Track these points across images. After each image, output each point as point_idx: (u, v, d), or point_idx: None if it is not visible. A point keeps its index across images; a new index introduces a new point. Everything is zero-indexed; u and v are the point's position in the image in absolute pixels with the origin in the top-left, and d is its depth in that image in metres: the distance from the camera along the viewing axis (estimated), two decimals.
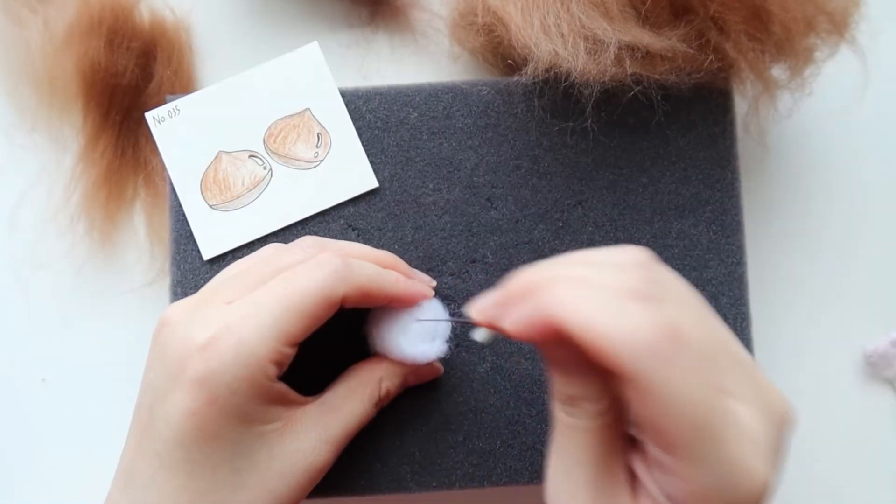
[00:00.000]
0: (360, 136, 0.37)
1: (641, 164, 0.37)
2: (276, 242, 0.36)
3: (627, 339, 0.22)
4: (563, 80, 0.35)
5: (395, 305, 0.33)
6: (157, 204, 0.42)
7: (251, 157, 0.37)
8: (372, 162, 0.37)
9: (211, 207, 0.37)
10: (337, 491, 0.36)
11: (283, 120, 0.37)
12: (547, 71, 0.35)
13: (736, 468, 0.23)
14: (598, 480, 0.25)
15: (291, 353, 0.30)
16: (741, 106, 0.39)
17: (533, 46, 0.34)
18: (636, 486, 0.25)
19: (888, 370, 0.42)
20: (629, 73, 0.34)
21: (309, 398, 0.32)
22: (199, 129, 0.37)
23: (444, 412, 0.36)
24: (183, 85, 0.42)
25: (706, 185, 0.37)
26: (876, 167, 0.43)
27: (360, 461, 0.36)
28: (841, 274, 0.43)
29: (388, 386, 0.33)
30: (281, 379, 0.30)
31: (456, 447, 0.36)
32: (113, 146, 0.42)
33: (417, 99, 0.37)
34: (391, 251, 0.36)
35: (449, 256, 0.37)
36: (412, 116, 0.37)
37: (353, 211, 0.37)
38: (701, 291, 0.37)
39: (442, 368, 0.36)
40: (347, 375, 0.33)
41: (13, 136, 0.43)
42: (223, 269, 0.34)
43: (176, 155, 0.37)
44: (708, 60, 0.34)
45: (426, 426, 0.36)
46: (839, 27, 0.36)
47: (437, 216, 0.37)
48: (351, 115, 0.37)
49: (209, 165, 0.37)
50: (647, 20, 0.34)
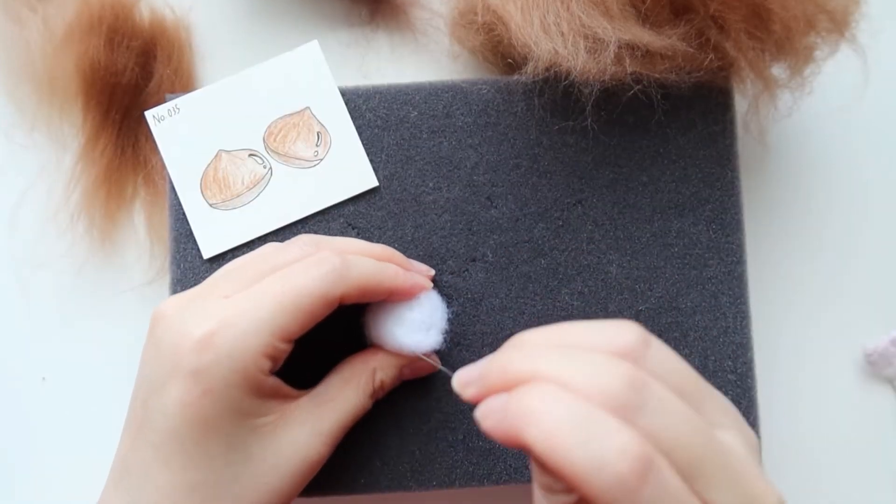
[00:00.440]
0: (359, 134, 0.37)
1: (641, 162, 0.37)
2: (275, 242, 0.36)
3: (597, 473, 0.21)
4: (562, 78, 0.35)
5: (393, 299, 0.33)
6: (156, 203, 0.42)
7: (251, 155, 0.37)
8: (372, 161, 0.37)
9: (211, 206, 0.37)
10: (337, 489, 0.36)
11: (282, 119, 0.37)
12: (547, 70, 0.35)
13: None
14: None
15: (287, 349, 0.30)
16: (741, 105, 0.39)
17: (533, 45, 0.34)
18: None
19: (888, 369, 0.42)
20: (629, 71, 0.34)
21: (303, 391, 0.32)
22: (198, 127, 0.37)
23: (444, 411, 0.36)
24: (183, 84, 0.42)
25: (706, 183, 0.37)
26: (876, 166, 0.43)
27: (360, 459, 0.36)
28: (841, 273, 0.43)
29: (382, 377, 0.33)
30: (276, 372, 0.30)
31: (456, 446, 0.36)
32: (113, 145, 0.42)
33: (417, 98, 0.37)
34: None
35: (449, 255, 0.37)
36: (412, 115, 0.37)
37: (352, 210, 0.37)
38: (701, 290, 0.37)
39: (440, 363, 0.36)
40: (341, 367, 0.34)
41: (13, 134, 0.43)
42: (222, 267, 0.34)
43: (176, 154, 0.37)
44: (708, 59, 0.34)
45: (426, 425, 0.36)
46: (839, 26, 0.36)
47: (436, 215, 0.37)
48: (351, 113, 0.37)
49: (209, 164, 0.37)
50: (647, 19, 0.34)
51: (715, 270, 0.37)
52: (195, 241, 0.37)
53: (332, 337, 0.34)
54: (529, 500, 0.29)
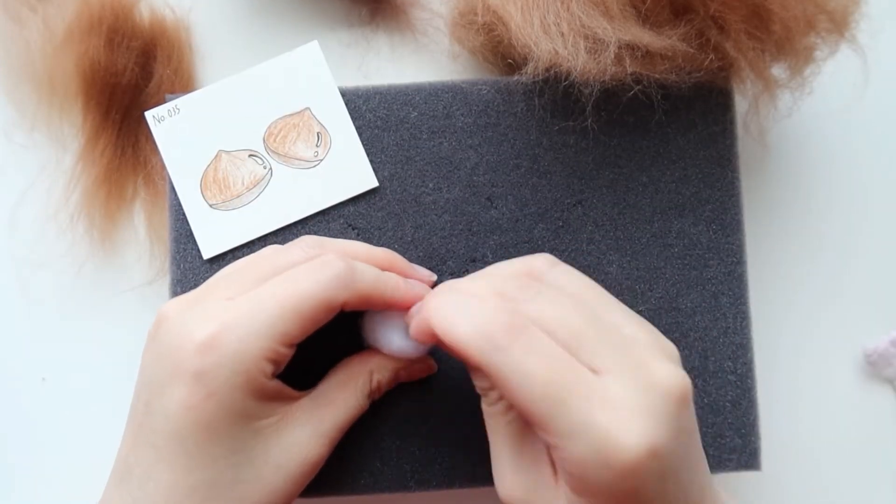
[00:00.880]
0: (359, 135, 0.37)
1: (641, 163, 0.37)
2: (275, 243, 0.36)
3: (472, 335, 0.26)
4: (563, 79, 0.35)
5: (391, 309, 0.33)
6: (156, 203, 0.42)
7: (251, 156, 0.37)
8: (372, 161, 0.37)
9: (211, 206, 0.37)
10: (338, 490, 0.36)
11: (282, 119, 0.37)
12: (547, 70, 0.35)
13: (602, 434, 0.24)
14: (519, 459, 0.28)
15: (289, 353, 0.30)
16: (741, 105, 0.39)
17: (533, 45, 0.34)
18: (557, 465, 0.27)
19: (888, 369, 0.42)
20: (629, 72, 0.34)
21: (303, 392, 0.32)
22: (198, 128, 0.37)
23: (444, 412, 0.36)
24: (183, 84, 0.42)
25: (706, 184, 0.37)
26: (876, 166, 0.43)
27: (361, 460, 0.36)
28: (841, 273, 0.43)
29: (379, 379, 0.34)
30: (277, 375, 0.30)
31: (457, 446, 0.36)
32: (113, 145, 0.42)
33: (417, 98, 0.37)
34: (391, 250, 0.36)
35: (449, 255, 0.37)
36: (412, 116, 0.37)
37: (353, 210, 0.37)
38: (701, 290, 0.37)
39: (435, 366, 0.36)
40: (339, 369, 0.34)
41: (13, 134, 0.43)
42: (223, 268, 0.34)
43: (176, 154, 0.37)
44: (708, 59, 0.34)
45: (426, 425, 0.36)
46: (839, 26, 0.36)
47: (437, 215, 0.37)
48: (351, 114, 0.37)
49: (209, 164, 0.37)
50: (647, 19, 0.34)
51: (715, 271, 0.37)
52: (195, 241, 0.37)
53: (330, 338, 0.34)
54: None
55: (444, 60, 0.43)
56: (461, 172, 0.37)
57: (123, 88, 0.41)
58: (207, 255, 0.37)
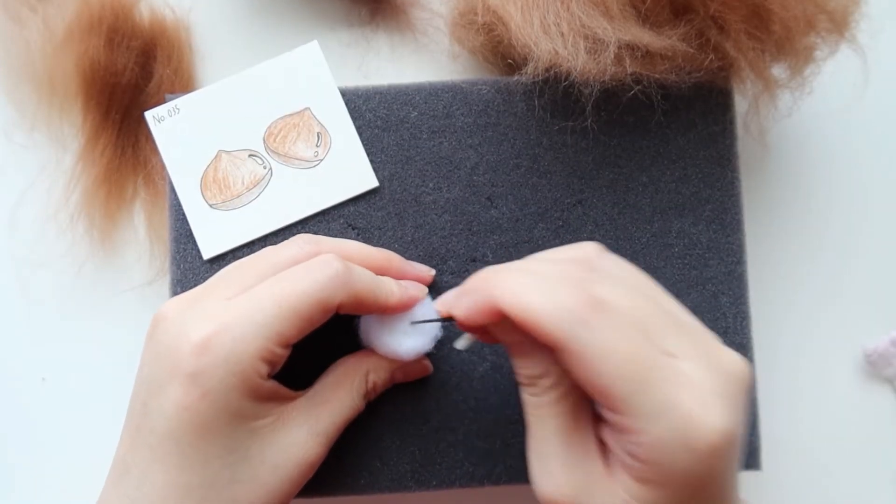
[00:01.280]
0: (359, 135, 0.37)
1: (641, 163, 0.37)
2: (275, 243, 0.36)
3: (551, 310, 0.25)
4: (562, 79, 0.35)
5: (387, 314, 0.33)
6: (156, 203, 0.42)
7: (251, 156, 0.37)
8: (372, 161, 0.37)
9: (211, 207, 0.37)
10: (338, 490, 0.36)
11: (282, 119, 0.37)
12: (547, 70, 0.35)
13: (685, 416, 0.24)
14: (568, 453, 0.27)
15: (284, 353, 0.30)
16: (741, 105, 0.39)
17: (533, 45, 0.34)
18: (608, 455, 0.27)
19: (888, 369, 0.42)
20: (629, 72, 0.34)
21: (299, 392, 0.32)
22: (198, 128, 0.37)
23: (444, 411, 0.36)
24: (183, 84, 0.42)
25: (706, 183, 0.37)
26: (876, 166, 0.43)
27: (360, 460, 0.36)
28: (841, 273, 0.43)
29: (374, 379, 0.34)
30: (272, 375, 0.30)
31: (456, 446, 0.36)
32: (113, 145, 0.42)
33: (417, 98, 0.37)
34: (391, 251, 0.36)
35: (449, 255, 0.37)
36: (412, 115, 0.37)
37: (353, 210, 0.37)
38: (701, 290, 0.37)
39: (431, 367, 0.36)
40: (335, 368, 0.34)
41: (13, 134, 0.43)
42: (223, 268, 0.34)
43: (175, 154, 0.37)
44: (708, 59, 0.34)
45: (426, 425, 0.36)
46: (839, 26, 0.36)
47: (437, 215, 0.37)
48: (351, 114, 0.37)
49: (209, 164, 0.37)
50: (647, 19, 0.34)
51: (715, 270, 0.37)
52: (195, 241, 0.37)
53: (327, 339, 0.34)
54: (529, 500, 0.29)
55: (444, 60, 0.43)
56: (461, 172, 0.37)
57: (123, 88, 0.41)
58: (207, 255, 0.37)
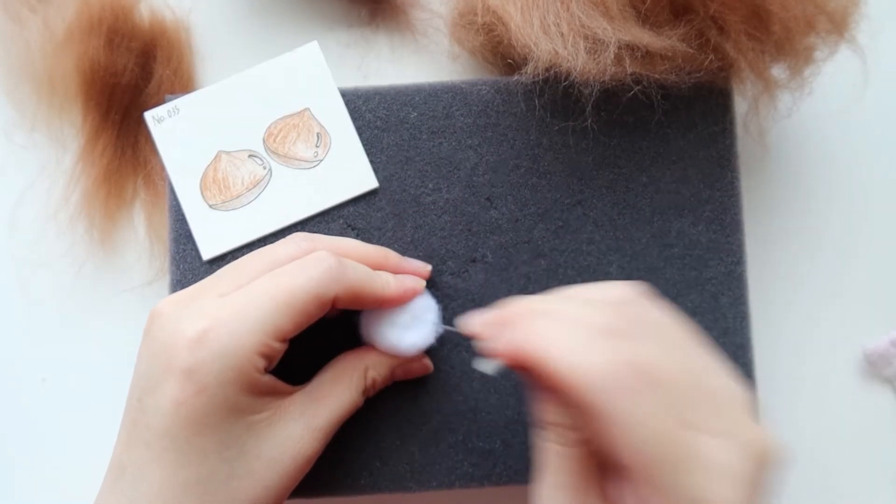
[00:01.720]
0: (359, 135, 0.37)
1: (641, 163, 0.37)
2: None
3: (587, 373, 0.24)
4: (562, 79, 0.35)
5: (385, 307, 0.33)
6: (156, 203, 0.42)
7: (251, 156, 0.37)
8: (372, 161, 0.37)
9: (210, 207, 0.37)
10: (338, 490, 0.36)
11: (282, 119, 0.37)
12: (547, 70, 0.35)
13: (700, 499, 0.24)
14: (578, 500, 0.26)
15: (282, 348, 0.30)
16: (741, 105, 0.39)
17: (533, 46, 0.34)
18: None
19: (888, 369, 0.42)
20: (629, 72, 0.34)
21: (296, 387, 0.32)
22: (198, 128, 0.37)
23: (444, 412, 0.36)
24: (182, 84, 0.42)
25: (706, 184, 0.37)
26: (876, 166, 0.43)
27: (360, 460, 0.36)
28: (841, 273, 0.43)
29: (374, 376, 0.34)
30: (271, 369, 0.30)
31: (456, 447, 0.36)
32: (112, 145, 0.42)
33: (417, 98, 0.37)
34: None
35: (449, 256, 0.37)
36: (412, 116, 0.37)
37: (352, 211, 0.37)
38: (701, 291, 0.37)
39: (432, 366, 0.36)
40: (334, 364, 0.34)
41: (13, 135, 0.43)
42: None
43: (175, 154, 0.37)
44: (708, 60, 0.34)
45: (426, 426, 0.36)
46: (839, 27, 0.36)
47: (436, 216, 0.37)
48: (350, 114, 0.37)
49: (209, 165, 0.37)
50: (646, 19, 0.34)
51: (715, 271, 0.37)
52: (194, 241, 0.37)
53: (326, 334, 0.34)
54: (529, 500, 0.29)
55: (443, 61, 0.43)
56: (461, 173, 0.37)
57: (123, 89, 0.41)
58: (207, 255, 0.37)
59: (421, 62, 0.43)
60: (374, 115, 0.37)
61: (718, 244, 0.37)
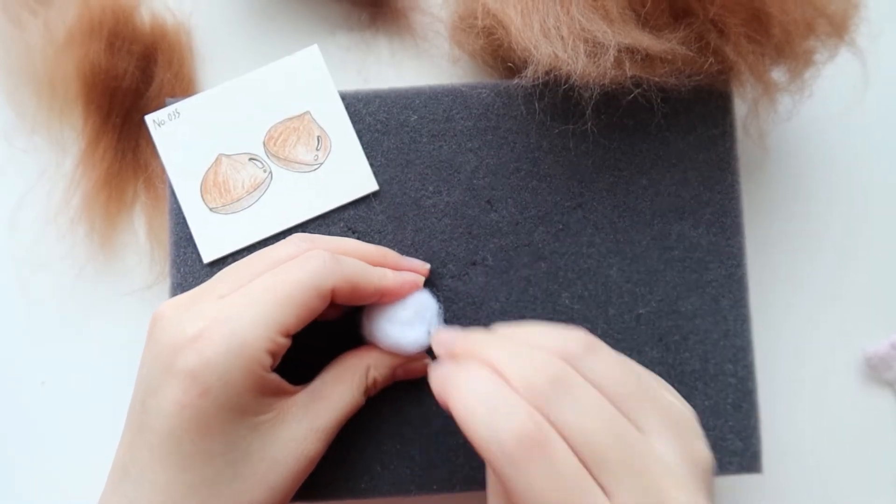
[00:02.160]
0: (359, 138, 0.37)
1: (641, 166, 0.37)
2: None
3: (487, 436, 0.25)
4: (562, 82, 0.35)
5: (384, 301, 0.34)
6: (157, 207, 0.42)
7: (251, 159, 0.37)
8: (372, 165, 0.37)
9: (211, 210, 0.37)
10: (338, 493, 0.35)
11: (282, 123, 0.37)
12: (547, 73, 0.35)
13: None
14: None
15: (286, 343, 0.30)
16: (741, 108, 0.39)
17: (533, 49, 0.34)
18: None
19: (888, 373, 0.42)
20: (629, 75, 0.34)
21: (299, 387, 0.32)
22: (198, 131, 0.37)
23: (444, 415, 0.36)
24: (183, 88, 0.42)
25: (706, 187, 0.37)
26: (876, 169, 0.43)
27: (361, 464, 0.36)
28: (841, 276, 0.43)
29: (375, 375, 0.34)
30: (274, 368, 0.30)
31: (457, 450, 0.36)
32: (113, 149, 0.42)
33: (417, 102, 0.37)
34: None
35: (449, 259, 0.37)
36: (412, 119, 0.37)
37: (353, 214, 0.37)
38: (701, 293, 0.37)
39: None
40: (335, 364, 0.34)
41: (13, 138, 0.43)
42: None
43: (176, 158, 0.37)
44: (708, 63, 0.34)
45: (427, 429, 0.36)
46: (839, 29, 0.36)
47: (437, 219, 0.37)
48: (351, 117, 0.37)
49: (209, 168, 0.37)
50: (646, 23, 0.34)
51: (715, 274, 0.37)
52: (195, 245, 0.37)
53: (328, 334, 0.35)
54: None
55: (444, 64, 0.43)
56: (461, 176, 0.37)
57: (124, 92, 0.41)
58: (207, 258, 0.37)
59: (421, 65, 0.44)
60: (374, 118, 0.37)
61: (719, 247, 0.37)
